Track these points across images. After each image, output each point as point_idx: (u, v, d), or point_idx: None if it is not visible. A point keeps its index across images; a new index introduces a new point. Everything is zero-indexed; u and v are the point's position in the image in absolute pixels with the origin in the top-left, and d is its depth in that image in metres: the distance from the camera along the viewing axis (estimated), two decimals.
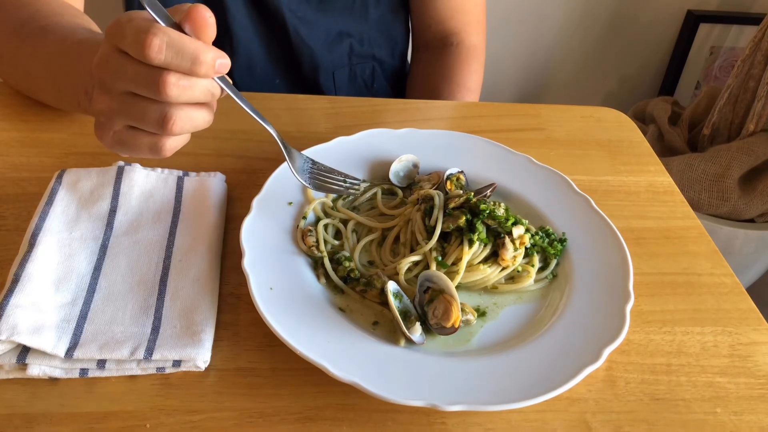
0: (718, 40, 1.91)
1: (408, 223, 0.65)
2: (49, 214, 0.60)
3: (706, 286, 0.66)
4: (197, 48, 0.47)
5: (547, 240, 0.64)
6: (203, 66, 0.47)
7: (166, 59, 0.46)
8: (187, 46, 0.46)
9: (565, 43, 1.90)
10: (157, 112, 0.49)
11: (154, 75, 0.47)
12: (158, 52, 0.45)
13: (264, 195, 0.65)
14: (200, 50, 0.47)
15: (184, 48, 0.46)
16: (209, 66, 0.47)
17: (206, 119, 0.52)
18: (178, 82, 0.47)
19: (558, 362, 0.53)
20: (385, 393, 0.48)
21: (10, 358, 0.49)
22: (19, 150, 0.71)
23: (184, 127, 0.50)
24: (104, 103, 0.51)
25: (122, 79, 0.49)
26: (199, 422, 0.49)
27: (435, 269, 0.60)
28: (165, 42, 0.45)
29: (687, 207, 0.76)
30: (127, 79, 0.48)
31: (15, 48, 0.71)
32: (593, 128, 0.88)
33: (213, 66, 0.48)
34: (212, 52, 0.47)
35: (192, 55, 0.46)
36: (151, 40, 0.45)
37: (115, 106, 0.50)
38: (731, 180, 1.52)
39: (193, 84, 0.48)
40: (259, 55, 0.96)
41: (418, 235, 0.63)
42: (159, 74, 0.47)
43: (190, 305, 0.55)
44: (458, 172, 0.72)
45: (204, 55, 0.47)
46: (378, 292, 0.58)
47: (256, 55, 0.95)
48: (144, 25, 0.46)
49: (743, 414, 0.54)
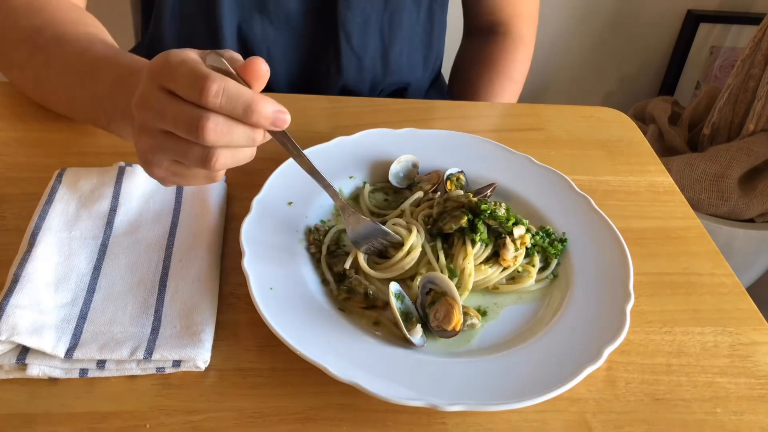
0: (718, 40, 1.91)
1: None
2: (49, 214, 0.60)
3: (707, 286, 0.66)
4: (252, 98, 0.47)
5: (547, 240, 0.64)
6: (254, 115, 0.47)
7: (221, 103, 0.47)
8: (243, 94, 0.47)
9: (565, 43, 1.89)
10: (198, 152, 0.49)
11: (194, 119, 0.47)
12: (215, 96, 0.46)
13: (264, 195, 0.65)
14: (256, 100, 0.47)
15: (240, 95, 0.47)
16: (262, 116, 0.48)
17: (248, 155, 0.52)
18: (217, 128, 0.47)
19: (558, 362, 0.53)
20: (385, 393, 0.48)
21: (10, 358, 0.49)
22: (19, 150, 0.71)
23: (226, 164, 0.50)
24: (146, 142, 0.51)
25: (163, 119, 0.49)
26: (199, 422, 0.49)
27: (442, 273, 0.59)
28: (222, 88, 0.46)
29: (687, 207, 0.76)
30: (167, 120, 0.49)
31: (28, 55, 0.71)
32: (593, 128, 0.88)
33: (268, 117, 0.48)
34: (269, 105, 0.48)
35: (245, 104, 0.47)
36: (210, 86, 0.46)
37: (158, 144, 0.50)
38: (731, 180, 1.52)
39: (232, 131, 0.48)
40: None
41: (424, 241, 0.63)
42: (199, 118, 0.47)
43: (190, 305, 0.55)
44: (458, 172, 0.72)
45: (258, 105, 0.47)
46: (362, 297, 0.58)
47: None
48: (201, 70, 0.47)
49: (743, 414, 0.54)
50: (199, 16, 0.87)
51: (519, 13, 1.04)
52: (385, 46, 0.93)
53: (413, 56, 0.97)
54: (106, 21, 0.76)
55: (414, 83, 1.00)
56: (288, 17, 0.88)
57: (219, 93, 0.46)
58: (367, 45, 0.91)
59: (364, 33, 0.90)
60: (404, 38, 0.94)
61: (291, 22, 0.89)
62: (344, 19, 0.88)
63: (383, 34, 0.92)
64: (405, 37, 0.94)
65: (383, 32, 0.92)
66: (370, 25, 0.90)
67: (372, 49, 0.92)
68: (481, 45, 1.06)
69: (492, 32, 1.05)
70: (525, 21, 1.05)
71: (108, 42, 0.69)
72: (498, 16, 1.04)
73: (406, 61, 0.96)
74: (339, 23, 0.88)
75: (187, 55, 0.49)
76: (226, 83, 0.46)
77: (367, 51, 0.92)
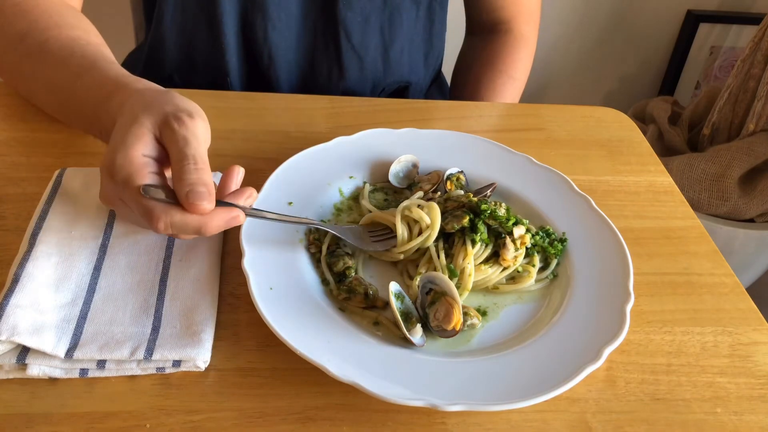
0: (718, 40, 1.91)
1: None
2: (49, 214, 0.60)
3: (706, 286, 0.66)
4: (198, 222, 0.52)
5: (547, 240, 0.64)
6: (206, 233, 0.53)
7: (173, 232, 0.52)
8: (188, 223, 0.51)
9: (565, 43, 1.89)
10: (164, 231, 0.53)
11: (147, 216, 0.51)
12: (165, 230, 0.51)
13: (264, 195, 0.65)
14: (202, 224, 0.52)
15: (186, 225, 0.51)
16: (214, 232, 0.53)
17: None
18: (168, 229, 0.51)
19: (558, 362, 0.53)
20: (385, 393, 0.48)
21: (10, 358, 0.49)
22: (19, 150, 0.71)
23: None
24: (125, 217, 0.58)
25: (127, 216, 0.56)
26: (199, 422, 0.49)
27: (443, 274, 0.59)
28: (169, 223, 0.51)
29: (687, 207, 0.76)
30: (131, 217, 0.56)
31: (16, 63, 0.72)
32: (593, 128, 0.88)
33: (220, 228, 0.53)
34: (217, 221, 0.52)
35: (194, 229, 0.52)
36: (157, 224, 0.51)
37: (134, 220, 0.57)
38: (731, 180, 1.52)
39: (185, 226, 0.52)
40: None
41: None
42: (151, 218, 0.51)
43: (190, 305, 0.55)
44: (458, 172, 0.72)
45: (207, 228, 0.52)
46: (362, 297, 0.58)
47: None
48: (146, 205, 0.51)
49: (743, 414, 0.54)
50: (201, 19, 0.87)
51: (521, 12, 1.04)
52: (385, 44, 0.93)
53: (414, 55, 0.97)
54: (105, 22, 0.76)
55: (415, 82, 1.00)
56: (289, 18, 0.88)
57: (168, 227, 0.51)
58: (368, 44, 0.91)
59: (365, 32, 0.90)
60: (404, 37, 0.94)
61: (292, 22, 0.89)
62: (344, 18, 0.88)
63: (383, 32, 0.92)
64: (405, 36, 0.94)
65: (383, 31, 0.92)
66: (370, 23, 0.90)
67: (373, 47, 0.92)
68: (483, 44, 1.06)
69: (494, 31, 1.05)
70: (526, 19, 1.05)
71: (88, 49, 0.69)
72: (500, 15, 1.04)
73: (406, 59, 0.97)
74: (339, 22, 0.88)
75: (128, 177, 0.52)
76: (171, 218, 0.51)
77: (368, 50, 0.92)
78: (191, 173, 0.51)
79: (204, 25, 0.87)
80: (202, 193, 0.50)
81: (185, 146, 0.52)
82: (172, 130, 0.53)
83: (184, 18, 0.88)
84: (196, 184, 0.51)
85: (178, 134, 0.52)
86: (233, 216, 0.53)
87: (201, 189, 0.51)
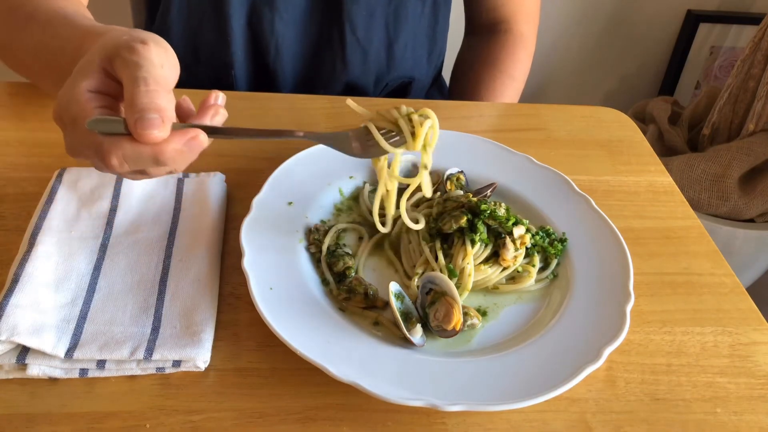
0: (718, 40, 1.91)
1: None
2: (49, 213, 0.60)
3: (706, 286, 0.66)
4: (153, 151, 0.46)
5: (547, 240, 0.64)
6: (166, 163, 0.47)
7: (128, 169, 0.47)
8: (142, 153, 0.46)
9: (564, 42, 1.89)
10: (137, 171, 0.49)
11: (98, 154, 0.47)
12: (120, 167, 0.46)
13: (264, 195, 0.65)
14: (159, 151, 0.46)
15: (140, 155, 0.46)
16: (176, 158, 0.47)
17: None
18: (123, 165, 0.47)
19: (558, 362, 0.53)
20: (385, 393, 0.48)
21: (10, 358, 0.49)
22: (19, 150, 0.71)
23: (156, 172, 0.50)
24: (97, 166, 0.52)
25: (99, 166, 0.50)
26: (199, 422, 0.49)
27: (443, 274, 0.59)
28: (121, 157, 0.46)
29: (687, 207, 0.76)
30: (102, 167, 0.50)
31: (6, 36, 0.70)
32: (593, 128, 0.88)
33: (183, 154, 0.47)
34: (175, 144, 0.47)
35: (150, 159, 0.47)
36: (110, 160, 0.46)
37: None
38: (731, 180, 1.52)
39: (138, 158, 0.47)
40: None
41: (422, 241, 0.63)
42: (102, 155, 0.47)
43: (190, 305, 0.55)
44: (458, 172, 0.72)
45: (164, 154, 0.46)
46: (362, 297, 0.58)
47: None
48: (94, 142, 0.46)
49: (743, 414, 0.54)
50: (208, 11, 0.87)
51: (520, 11, 1.04)
52: (390, 39, 0.93)
53: (417, 50, 0.98)
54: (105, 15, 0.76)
55: (417, 78, 1.00)
56: (295, 10, 0.88)
57: (121, 161, 0.46)
58: (372, 38, 0.92)
59: (370, 26, 0.91)
60: (409, 32, 0.94)
61: (298, 15, 0.89)
62: (350, 11, 0.88)
63: (388, 27, 0.92)
64: (409, 31, 0.94)
65: (388, 25, 0.92)
66: (375, 18, 0.91)
67: (377, 42, 0.93)
68: (482, 43, 1.06)
69: (493, 30, 1.05)
70: (526, 19, 1.05)
71: (72, 9, 0.65)
72: (499, 14, 1.04)
73: (410, 55, 0.97)
74: (345, 16, 0.89)
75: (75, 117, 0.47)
76: (123, 150, 0.46)
77: (372, 44, 0.92)
78: (141, 96, 0.45)
79: (211, 18, 0.87)
80: (152, 120, 0.45)
81: (136, 70, 0.46)
82: (123, 59, 0.47)
83: (191, 11, 0.88)
84: (146, 110, 0.45)
85: (129, 61, 0.47)
86: (191, 137, 0.47)
87: (151, 116, 0.45)
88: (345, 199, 0.70)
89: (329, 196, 0.69)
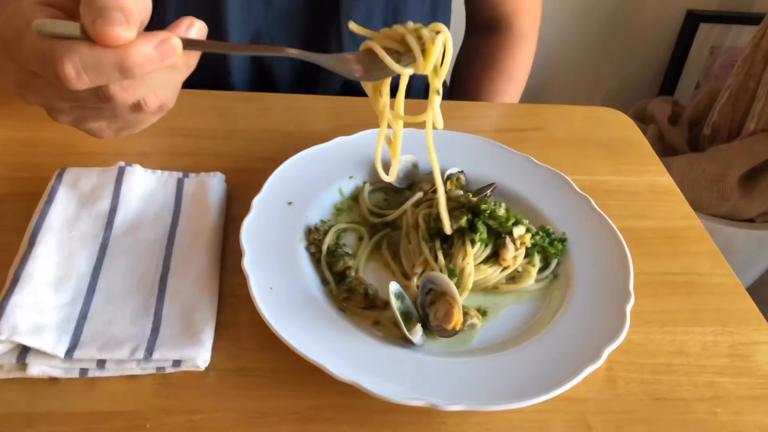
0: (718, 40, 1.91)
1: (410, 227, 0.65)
2: (49, 214, 0.60)
3: (707, 286, 0.66)
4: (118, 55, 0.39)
5: (547, 240, 0.64)
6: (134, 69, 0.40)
7: (90, 81, 0.40)
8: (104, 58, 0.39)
9: (565, 42, 1.90)
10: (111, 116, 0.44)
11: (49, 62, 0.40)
12: (78, 78, 0.39)
13: (264, 195, 0.65)
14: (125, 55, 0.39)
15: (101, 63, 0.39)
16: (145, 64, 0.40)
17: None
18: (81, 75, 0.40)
19: (558, 362, 0.53)
20: (385, 393, 0.48)
21: (10, 358, 0.49)
22: (19, 150, 0.71)
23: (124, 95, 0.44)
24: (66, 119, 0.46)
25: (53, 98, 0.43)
26: (199, 422, 0.49)
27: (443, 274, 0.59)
28: (79, 64, 0.39)
29: (687, 207, 0.76)
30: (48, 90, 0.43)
31: None
32: (593, 128, 0.88)
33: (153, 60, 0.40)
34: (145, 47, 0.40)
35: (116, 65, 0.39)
36: (63, 68, 0.39)
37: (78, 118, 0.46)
38: (731, 180, 1.52)
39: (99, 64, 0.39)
40: None
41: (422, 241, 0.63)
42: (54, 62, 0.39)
43: (190, 305, 0.55)
44: (458, 172, 0.72)
45: (130, 58, 0.39)
46: (362, 297, 0.58)
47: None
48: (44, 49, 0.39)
49: (744, 414, 0.54)
50: (204, 12, 0.87)
51: (521, 8, 1.03)
52: None
53: None
54: None
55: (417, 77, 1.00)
56: (292, 7, 0.88)
57: (79, 70, 0.39)
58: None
59: (368, 23, 0.90)
60: None
61: (295, 12, 0.89)
62: (348, 9, 0.88)
63: (387, 25, 0.92)
64: None
65: (387, 23, 0.92)
66: (373, 16, 0.90)
67: None
68: (483, 42, 1.05)
69: (494, 29, 1.05)
70: (527, 17, 1.04)
71: None
72: (500, 11, 1.03)
73: None
74: (342, 13, 0.88)
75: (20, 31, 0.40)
76: (80, 55, 0.38)
77: None
78: None
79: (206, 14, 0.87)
80: (115, 17, 0.38)
81: None
82: None
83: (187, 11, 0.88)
84: (107, 8, 0.38)
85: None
86: (161, 39, 0.40)
87: (114, 14, 0.38)
88: (345, 199, 0.70)
89: (329, 196, 0.69)
